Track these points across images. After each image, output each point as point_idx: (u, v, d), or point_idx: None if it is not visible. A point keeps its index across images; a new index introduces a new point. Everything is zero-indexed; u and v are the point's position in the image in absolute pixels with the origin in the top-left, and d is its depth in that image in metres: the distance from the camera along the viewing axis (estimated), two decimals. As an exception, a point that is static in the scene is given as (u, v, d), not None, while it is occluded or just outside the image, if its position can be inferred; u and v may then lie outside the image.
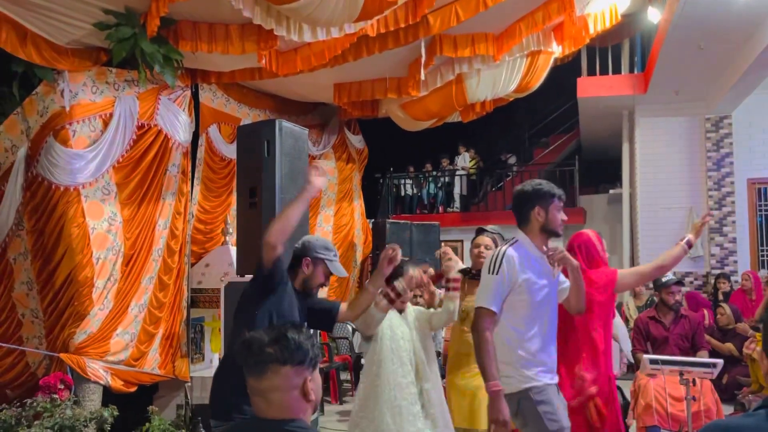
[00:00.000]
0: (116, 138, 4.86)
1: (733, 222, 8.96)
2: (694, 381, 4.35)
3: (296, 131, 5.46)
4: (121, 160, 4.92)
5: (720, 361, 4.16)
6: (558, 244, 3.22)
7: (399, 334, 3.51)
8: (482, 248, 3.96)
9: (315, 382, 1.66)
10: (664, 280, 5.12)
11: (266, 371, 1.61)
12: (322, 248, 3.14)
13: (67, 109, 4.62)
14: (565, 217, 3.07)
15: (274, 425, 1.60)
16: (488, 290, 2.90)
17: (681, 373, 4.19)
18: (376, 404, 3.40)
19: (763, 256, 9.02)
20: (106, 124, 4.85)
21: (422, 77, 6.20)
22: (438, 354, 5.34)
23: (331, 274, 3.19)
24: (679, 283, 5.21)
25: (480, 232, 4.32)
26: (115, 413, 4.18)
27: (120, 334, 4.95)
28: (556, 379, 2.99)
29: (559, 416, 2.85)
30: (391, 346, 3.45)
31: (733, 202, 8.98)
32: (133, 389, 5.12)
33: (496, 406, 2.77)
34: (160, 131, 5.21)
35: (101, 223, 4.81)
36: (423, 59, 6.17)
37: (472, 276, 3.96)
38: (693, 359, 4.47)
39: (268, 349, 1.62)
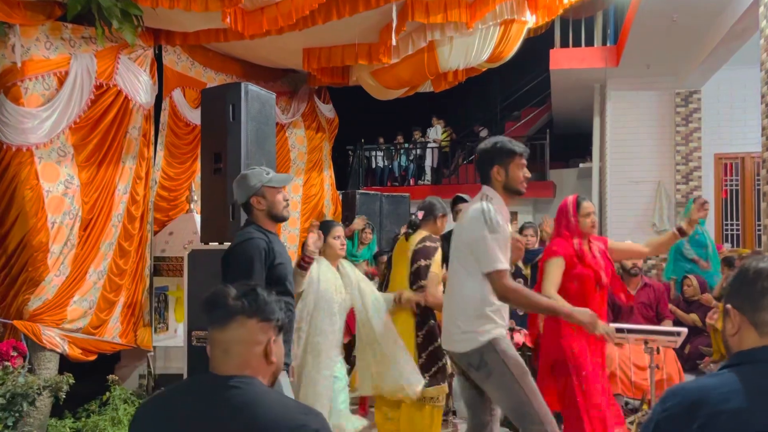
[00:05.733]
0: (72, 97, 4.64)
1: (699, 196, 9.03)
2: (658, 349, 4.39)
3: (263, 95, 5.30)
4: (78, 120, 4.71)
5: (684, 330, 4.19)
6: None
7: (332, 287, 3.60)
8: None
9: (278, 346, 1.60)
10: None
11: (232, 322, 1.54)
12: (252, 178, 3.00)
13: (19, 65, 4.39)
14: (528, 174, 3.03)
15: (228, 380, 1.51)
16: (494, 250, 2.81)
17: (645, 342, 4.22)
18: (300, 348, 3.57)
19: (727, 230, 9.16)
20: (61, 82, 4.63)
21: (393, 42, 6.04)
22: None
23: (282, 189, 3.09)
24: None
25: (458, 200, 4.31)
26: (71, 381, 4.05)
27: (77, 301, 4.79)
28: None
29: (522, 361, 2.88)
30: (320, 297, 3.56)
31: (699, 177, 9.07)
32: (93, 358, 4.99)
33: (578, 318, 2.93)
34: (119, 92, 5.00)
35: (57, 186, 4.62)
36: (394, 24, 6.02)
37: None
38: (658, 327, 4.50)
39: (236, 301, 1.56)
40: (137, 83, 5.14)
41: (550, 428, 2.78)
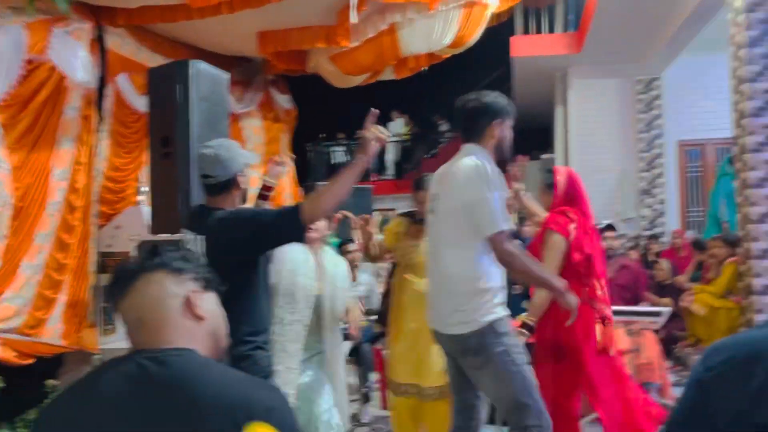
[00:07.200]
0: (-1, 72, 4.20)
1: (663, 184, 9.02)
2: (639, 331, 4.21)
3: (215, 74, 4.96)
4: (6, 98, 4.27)
5: (667, 310, 4.02)
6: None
7: (302, 270, 3.16)
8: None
9: (208, 302, 1.27)
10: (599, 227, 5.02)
11: (135, 283, 1.22)
12: (238, 152, 2.50)
13: (-64, 35, 3.95)
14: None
15: (153, 353, 1.16)
16: (496, 210, 2.44)
17: (626, 324, 4.04)
18: None
19: (690, 217, 9.14)
20: (-14, 55, 4.19)
21: (353, 20, 5.74)
22: (371, 311, 5.04)
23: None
24: (610, 227, 5.10)
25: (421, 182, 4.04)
26: (0, 385, 3.62)
27: (9, 298, 4.34)
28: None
29: (522, 350, 2.53)
30: (287, 281, 3.13)
31: (662, 164, 9.03)
32: (30, 362, 4.53)
33: (568, 300, 2.57)
34: (53, 68, 4.56)
35: (-17, 170, 4.18)
36: (353, 2, 5.73)
37: (417, 221, 3.62)
38: (638, 308, 4.32)
39: (135, 263, 1.27)
40: (74, 60, 4.72)
41: (545, 424, 2.45)
